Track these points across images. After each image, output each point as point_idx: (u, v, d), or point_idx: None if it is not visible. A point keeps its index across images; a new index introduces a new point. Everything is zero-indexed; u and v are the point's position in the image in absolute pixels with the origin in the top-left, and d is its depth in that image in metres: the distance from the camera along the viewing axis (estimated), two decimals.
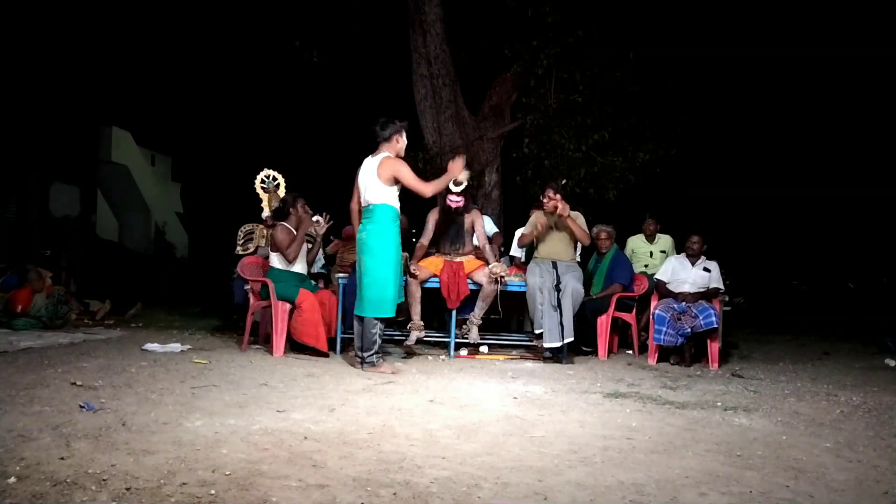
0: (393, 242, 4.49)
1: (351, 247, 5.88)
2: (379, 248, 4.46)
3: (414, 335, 5.31)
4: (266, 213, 6.12)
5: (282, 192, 6.11)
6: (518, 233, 6.73)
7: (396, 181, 4.48)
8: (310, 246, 5.53)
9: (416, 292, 5.31)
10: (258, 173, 6.23)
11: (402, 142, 4.59)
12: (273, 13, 8.98)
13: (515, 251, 6.70)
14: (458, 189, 5.56)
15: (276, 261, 5.22)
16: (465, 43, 8.56)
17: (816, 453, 2.75)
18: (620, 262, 6.01)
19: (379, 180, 4.44)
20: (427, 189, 4.59)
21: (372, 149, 4.60)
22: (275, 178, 6.18)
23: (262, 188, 6.18)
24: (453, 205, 5.55)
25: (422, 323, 5.35)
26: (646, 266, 6.81)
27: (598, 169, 7.98)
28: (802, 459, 2.65)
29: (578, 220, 5.61)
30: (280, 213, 5.41)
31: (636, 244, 7.05)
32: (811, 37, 10.29)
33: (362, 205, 4.59)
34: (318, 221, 5.65)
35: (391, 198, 4.51)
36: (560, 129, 7.98)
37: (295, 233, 5.24)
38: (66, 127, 13.07)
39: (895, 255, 12.30)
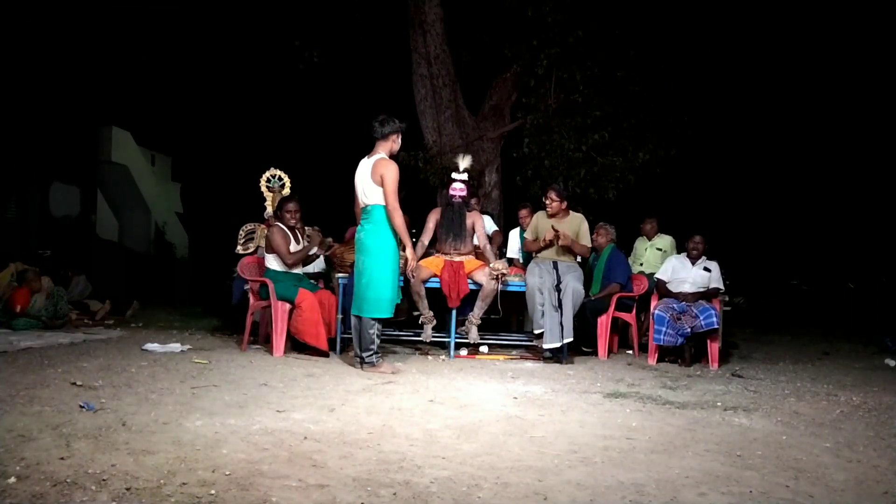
0: (391, 243, 4.49)
1: (351, 247, 5.87)
2: (377, 248, 4.46)
3: (428, 328, 5.36)
4: (269, 212, 6.12)
5: (286, 192, 6.10)
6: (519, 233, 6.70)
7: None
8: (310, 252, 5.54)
9: (421, 289, 5.32)
10: (260, 173, 6.22)
11: (398, 143, 4.59)
12: (273, 13, 8.97)
13: (513, 253, 6.66)
14: (461, 177, 5.54)
15: (272, 261, 5.22)
16: (465, 43, 8.56)
17: (816, 453, 2.75)
18: (617, 261, 6.00)
19: (372, 182, 4.43)
20: (395, 211, 4.40)
21: (370, 149, 4.58)
22: (280, 178, 6.18)
23: (268, 187, 6.18)
24: (456, 194, 5.54)
25: (431, 313, 5.37)
26: (641, 265, 6.83)
27: (598, 169, 7.97)
28: (802, 459, 2.65)
29: (581, 226, 5.58)
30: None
31: (638, 244, 7.11)
32: (811, 36, 10.29)
33: (360, 206, 4.58)
34: (319, 239, 5.62)
35: None
36: (560, 129, 7.96)
37: (291, 234, 5.25)
38: (66, 127, 13.04)
39: (895, 255, 12.29)
